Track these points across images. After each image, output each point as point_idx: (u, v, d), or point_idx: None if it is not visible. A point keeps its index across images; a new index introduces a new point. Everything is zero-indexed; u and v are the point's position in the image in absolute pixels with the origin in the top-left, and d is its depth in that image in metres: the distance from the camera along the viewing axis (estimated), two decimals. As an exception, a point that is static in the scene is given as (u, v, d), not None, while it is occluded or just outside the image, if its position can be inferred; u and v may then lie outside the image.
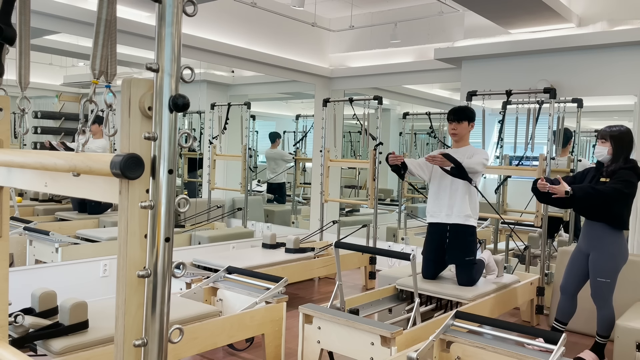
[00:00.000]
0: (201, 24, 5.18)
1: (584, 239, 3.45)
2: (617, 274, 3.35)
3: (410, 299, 3.66)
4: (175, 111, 1.14)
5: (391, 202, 7.53)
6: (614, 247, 3.32)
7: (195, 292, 3.43)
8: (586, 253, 3.43)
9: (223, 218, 6.08)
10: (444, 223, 3.70)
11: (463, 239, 3.65)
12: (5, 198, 1.76)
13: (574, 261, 3.52)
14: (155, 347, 1.17)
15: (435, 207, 3.75)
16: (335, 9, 6.29)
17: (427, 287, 3.61)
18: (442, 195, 3.71)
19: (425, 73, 5.99)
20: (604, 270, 3.33)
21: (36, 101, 4.87)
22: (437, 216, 3.74)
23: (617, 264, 3.34)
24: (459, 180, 3.62)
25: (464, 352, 2.62)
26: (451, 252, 3.68)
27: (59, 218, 4.84)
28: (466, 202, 3.65)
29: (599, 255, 3.34)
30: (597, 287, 3.37)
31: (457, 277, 3.69)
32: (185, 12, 1.15)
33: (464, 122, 3.68)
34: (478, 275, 3.70)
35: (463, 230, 3.65)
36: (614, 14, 4.61)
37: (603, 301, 3.37)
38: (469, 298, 3.43)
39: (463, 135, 3.71)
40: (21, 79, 1.69)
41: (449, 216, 3.68)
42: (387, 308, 3.61)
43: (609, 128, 3.33)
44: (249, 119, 6.17)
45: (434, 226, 3.77)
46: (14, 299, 1.99)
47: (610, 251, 3.32)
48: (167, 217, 1.16)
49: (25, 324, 2.38)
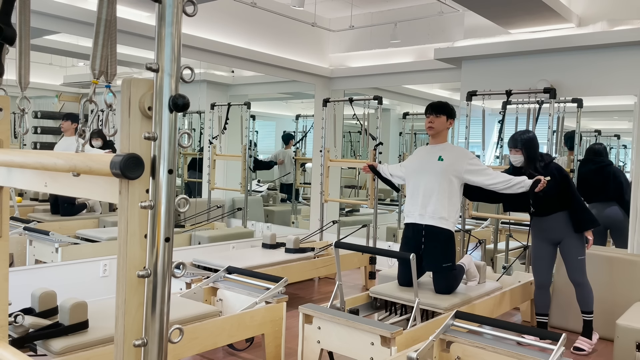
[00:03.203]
0: (201, 24, 5.18)
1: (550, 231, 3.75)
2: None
3: (384, 307, 3.53)
4: (175, 111, 1.14)
5: (391, 202, 7.53)
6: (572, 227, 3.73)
7: (195, 292, 3.43)
8: (555, 242, 3.77)
9: (223, 218, 6.08)
10: (418, 224, 3.52)
11: (439, 244, 3.46)
12: (5, 198, 1.76)
13: (542, 255, 3.82)
14: (155, 347, 1.17)
15: (410, 207, 3.59)
16: (335, 9, 6.29)
17: (400, 295, 3.39)
18: (415, 193, 3.56)
19: (425, 73, 5.98)
20: (580, 248, 3.70)
21: (36, 101, 4.87)
22: (411, 216, 3.57)
23: (582, 239, 3.74)
24: (435, 180, 3.47)
25: (464, 352, 2.62)
26: (427, 258, 3.48)
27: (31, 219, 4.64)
28: (442, 203, 3.45)
29: (573, 238, 3.70)
30: (578, 266, 3.70)
31: (434, 284, 3.48)
32: (185, 12, 1.15)
33: (442, 116, 3.52)
34: (456, 283, 3.50)
35: (438, 233, 3.45)
36: (614, 14, 4.61)
37: (584, 277, 3.71)
38: (445, 307, 3.22)
39: (440, 130, 3.55)
40: (21, 79, 1.69)
41: (422, 216, 3.50)
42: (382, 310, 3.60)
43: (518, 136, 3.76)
44: (249, 119, 6.18)
45: (409, 227, 3.59)
46: (14, 299, 1.99)
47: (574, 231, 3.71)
48: (167, 217, 1.16)
49: (25, 324, 2.37)
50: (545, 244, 3.79)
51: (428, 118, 3.57)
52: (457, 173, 3.50)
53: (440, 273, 3.46)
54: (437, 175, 3.50)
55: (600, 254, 4.06)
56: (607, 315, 3.88)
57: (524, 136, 3.72)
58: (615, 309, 3.75)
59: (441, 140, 3.60)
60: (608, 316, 3.86)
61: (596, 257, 4.04)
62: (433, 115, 3.54)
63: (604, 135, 6.07)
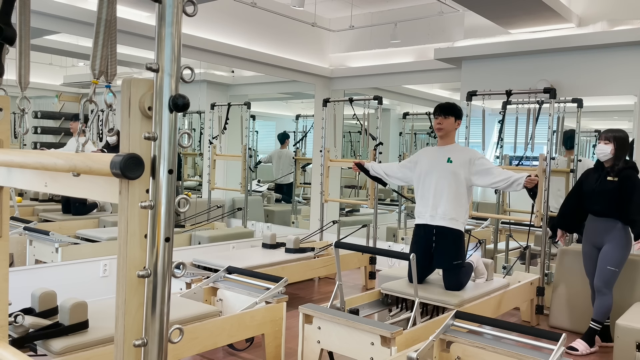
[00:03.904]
0: (201, 24, 5.18)
1: (595, 234, 3.72)
2: (623, 264, 3.67)
3: (395, 304, 3.58)
4: (175, 111, 1.14)
5: (391, 202, 7.53)
6: (625, 240, 3.64)
7: (195, 292, 3.43)
8: (599, 246, 3.70)
9: (223, 218, 6.08)
10: (429, 225, 3.57)
11: (450, 243, 3.52)
12: (5, 198, 1.76)
13: (589, 256, 3.78)
14: (155, 347, 1.17)
15: (420, 208, 3.64)
16: (335, 9, 6.29)
17: (412, 292, 3.42)
18: (426, 195, 3.60)
19: (425, 73, 5.98)
20: (616, 259, 3.61)
21: (36, 101, 4.87)
22: (422, 217, 3.62)
23: (624, 256, 3.65)
24: (444, 181, 3.52)
25: (464, 352, 2.62)
26: (438, 256, 3.56)
27: (43, 219, 4.73)
28: (452, 205, 3.51)
29: (614, 247, 3.62)
30: (606, 275, 3.62)
31: (444, 281, 3.55)
32: (185, 12, 1.15)
33: (451, 117, 3.56)
34: (466, 279, 3.57)
35: (449, 233, 3.52)
36: (614, 14, 4.61)
37: (608, 288, 3.63)
38: (455, 304, 3.28)
39: (449, 131, 3.59)
40: (21, 79, 1.69)
41: (433, 217, 3.55)
42: (387, 308, 3.61)
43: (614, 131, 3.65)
44: (249, 119, 6.18)
45: (420, 228, 3.64)
46: (14, 299, 1.99)
47: (622, 244, 3.63)
48: (167, 217, 1.16)
49: (25, 324, 2.37)
50: (591, 246, 3.77)
51: (437, 119, 3.60)
52: (465, 175, 3.54)
53: (450, 270, 3.53)
54: (446, 177, 3.54)
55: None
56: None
57: (620, 133, 3.67)
58: (615, 309, 3.74)
59: (449, 141, 3.64)
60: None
61: (596, 257, 4.03)
62: (442, 116, 3.58)
63: (604, 135, 6.07)
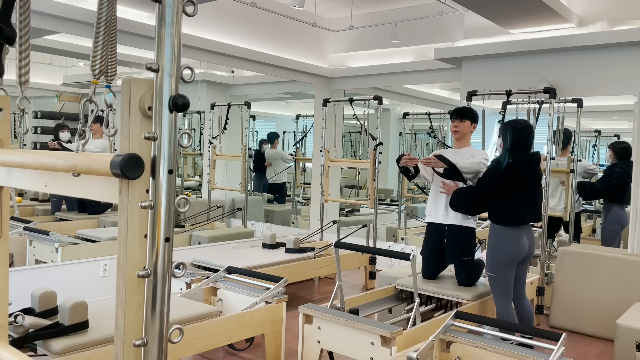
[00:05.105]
0: (201, 24, 5.18)
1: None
2: (498, 268, 3.23)
3: (410, 299, 3.66)
4: (175, 111, 1.14)
5: (391, 202, 7.53)
6: (492, 241, 3.29)
7: (195, 292, 3.43)
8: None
9: (223, 218, 6.08)
10: (441, 224, 3.71)
11: (461, 239, 3.65)
12: (5, 198, 1.76)
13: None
14: (155, 347, 1.17)
15: (433, 207, 3.76)
16: (335, 9, 6.29)
17: (426, 287, 3.62)
18: (440, 195, 3.72)
19: (425, 73, 5.98)
20: (488, 264, 3.32)
21: (36, 101, 4.87)
22: (434, 216, 3.75)
23: (494, 259, 3.24)
24: (458, 181, 3.61)
25: (464, 352, 2.62)
26: (450, 252, 3.69)
27: (59, 218, 4.84)
28: None
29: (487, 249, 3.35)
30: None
31: (457, 277, 3.69)
32: (185, 12, 1.15)
33: (467, 120, 3.69)
34: (478, 275, 3.70)
35: (461, 231, 3.65)
36: (614, 14, 4.61)
37: (494, 296, 3.32)
38: (469, 298, 3.44)
39: (465, 134, 3.71)
40: (21, 79, 1.69)
41: (445, 217, 3.68)
42: (387, 308, 3.62)
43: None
44: (249, 119, 6.18)
45: (432, 226, 3.78)
46: (14, 299, 1.99)
47: (489, 245, 3.30)
48: (167, 217, 1.16)
49: (25, 324, 2.37)
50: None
51: (453, 122, 3.72)
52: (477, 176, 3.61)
53: (461, 266, 3.64)
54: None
55: (600, 254, 4.06)
56: (607, 316, 3.87)
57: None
58: (615, 309, 3.75)
59: (465, 143, 3.74)
60: (608, 316, 3.86)
61: (596, 257, 4.04)
62: (458, 120, 3.69)
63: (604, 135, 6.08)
